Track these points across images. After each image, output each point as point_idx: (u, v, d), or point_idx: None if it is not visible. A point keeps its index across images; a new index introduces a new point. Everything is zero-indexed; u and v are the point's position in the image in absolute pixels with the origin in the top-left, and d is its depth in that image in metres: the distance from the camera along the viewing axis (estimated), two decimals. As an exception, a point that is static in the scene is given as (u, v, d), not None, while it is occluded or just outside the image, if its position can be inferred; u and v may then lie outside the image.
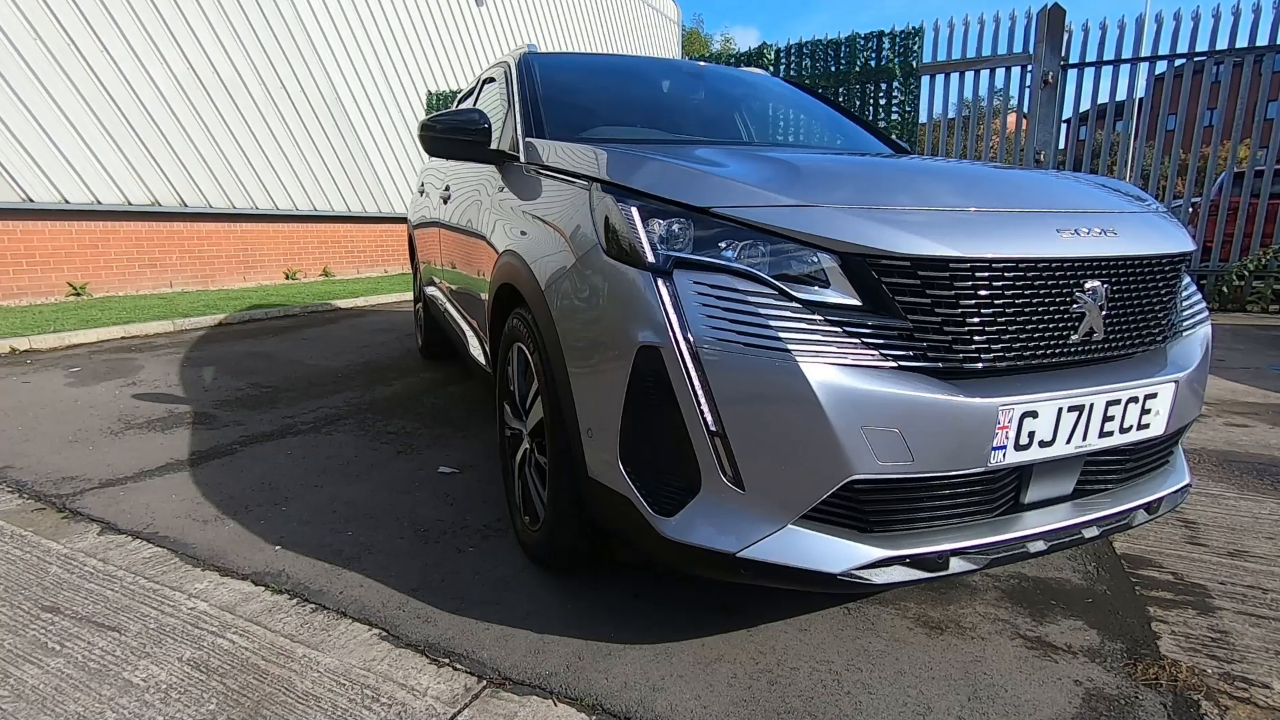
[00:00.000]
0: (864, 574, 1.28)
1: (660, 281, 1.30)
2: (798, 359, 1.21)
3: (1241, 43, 6.67)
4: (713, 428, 1.26)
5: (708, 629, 1.61)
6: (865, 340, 1.25)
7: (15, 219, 6.91)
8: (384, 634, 1.58)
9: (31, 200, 6.94)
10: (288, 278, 9.56)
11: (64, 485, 2.41)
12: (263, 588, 1.76)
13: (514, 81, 2.50)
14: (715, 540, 1.30)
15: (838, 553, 1.28)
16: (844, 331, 1.25)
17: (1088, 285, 1.35)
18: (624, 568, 1.86)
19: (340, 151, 10.23)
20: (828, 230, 1.26)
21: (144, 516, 2.17)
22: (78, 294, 7.35)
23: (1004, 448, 1.29)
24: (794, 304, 1.25)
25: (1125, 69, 7.16)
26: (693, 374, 1.26)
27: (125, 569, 1.84)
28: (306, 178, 9.73)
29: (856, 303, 1.27)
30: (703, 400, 1.26)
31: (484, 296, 2.28)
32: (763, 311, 1.24)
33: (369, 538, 2.05)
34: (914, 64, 7.89)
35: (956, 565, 1.33)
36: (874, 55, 8.08)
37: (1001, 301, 1.28)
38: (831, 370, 1.21)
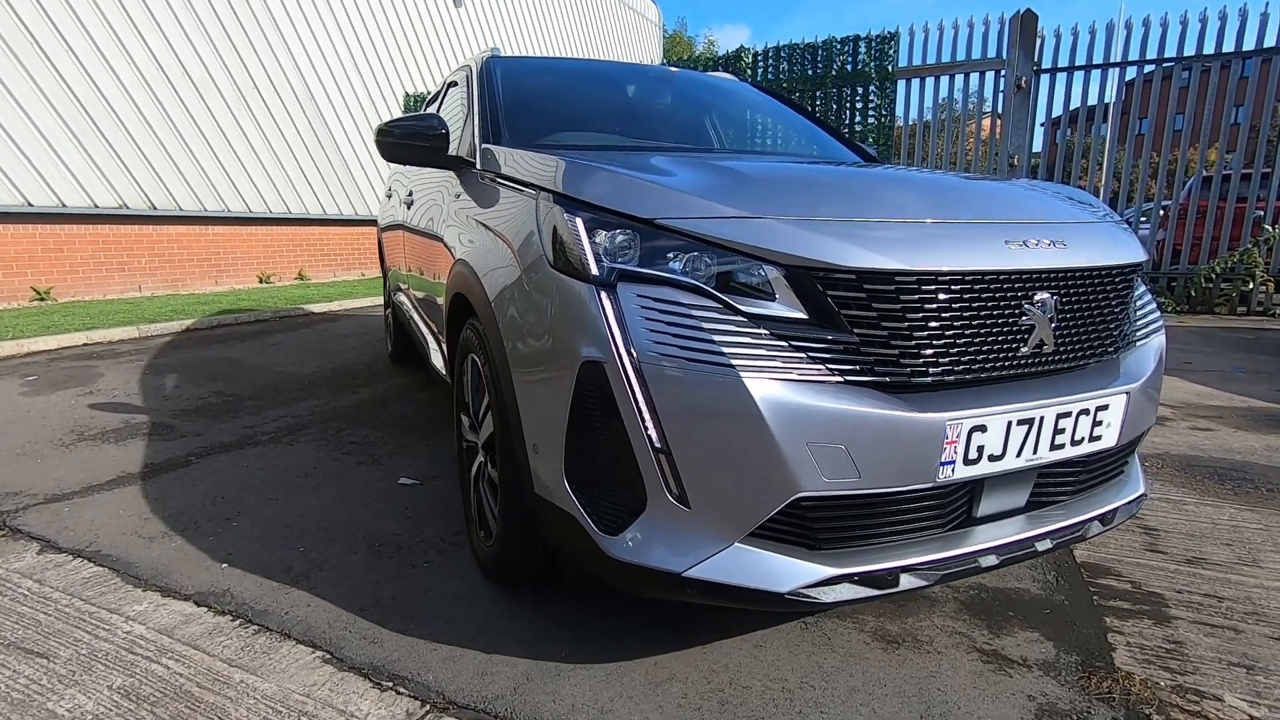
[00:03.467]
0: (812, 592, 1.25)
1: (604, 294, 1.27)
2: (741, 374, 1.18)
3: (1209, 49, 6.78)
4: (657, 444, 1.23)
5: (661, 646, 1.58)
6: (811, 354, 1.22)
7: (-24, 222, 6.73)
8: (327, 656, 1.53)
9: (-7, 203, 6.77)
10: (261, 281, 9.41)
11: (5, 501, 2.33)
12: (205, 609, 1.71)
13: (474, 86, 2.45)
14: (661, 559, 1.27)
15: (785, 571, 1.25)
16: (789, 345, 1.22)
17: (1036, 297, 1.33)
18: (579, 582, 1.82)
19: (315, 153, 10.10)
20: (772, 243, 1.24)
21: (87, 534, 2.10)
22: (42, 299, 7.18)
23: (952, 463, 1.27)
24: (739, 317, 1.23)
25: (1097, 73, 7.26)
26: (636, 389, 1.23)
27: (62, 590, 1.77)
28: (280, 179, 9.59)
29: (802, 316, 1.25)
30: (646, 416, 1.23)
31: (442, 302, 2.23)
32: (706, 325, 1.22)
33: (321, 554, 2.00)
34: (890, 68, 7.95)
35: (907, 582, 1.31)
36: (850, 59, 8.12)
37: (949, 315, 1.26)
38: (776, 385, 1.19)
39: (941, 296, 1.25)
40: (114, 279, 7.87)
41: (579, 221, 1.35)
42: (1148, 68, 7.08)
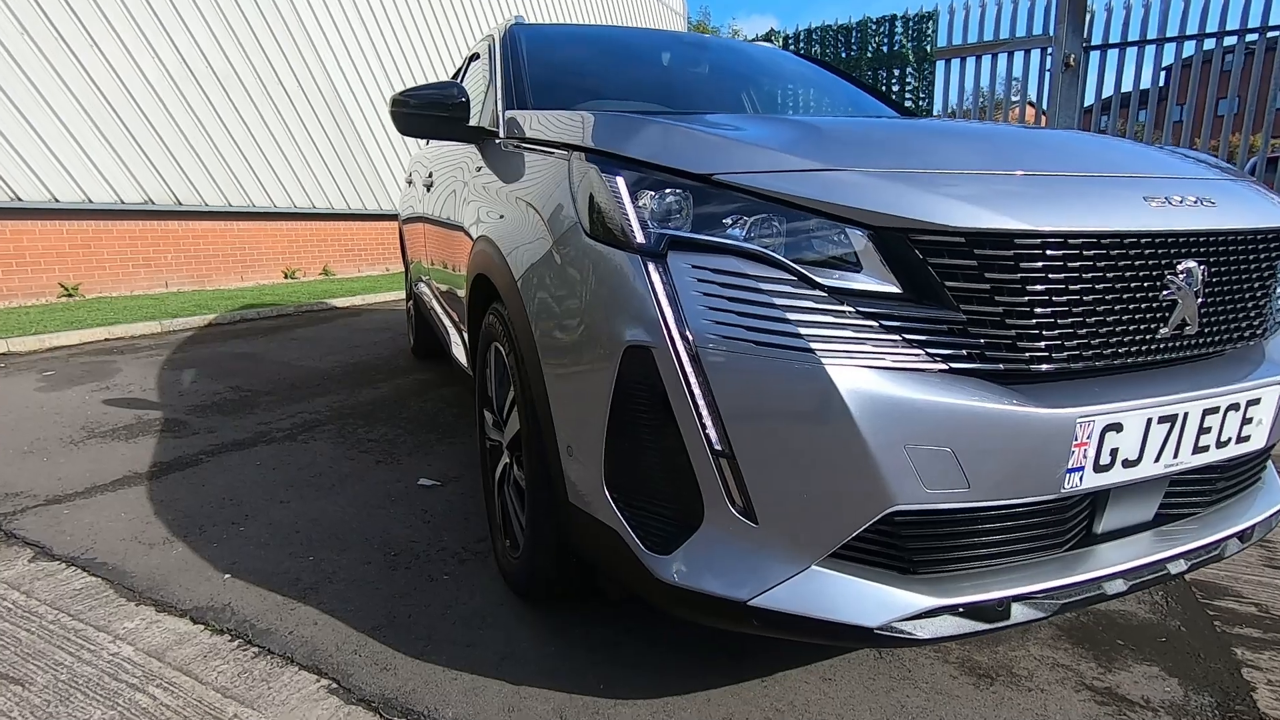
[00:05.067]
0: (907, 627, 1.03)
1: (651, 266, 1.06)
2: (823, 361, 0.96)
3: (1276, 19, 6.33)
4: (718, 447, 1.02)
5: (714, 678, 1.36)
6: (907, 337, 1.00)
7: (5, 219, 6.73)
8: (333, 685, 1.34)
9: (20, 200, 6.76)
10: (286, 277, 9.36)
11: (4, 503, 2.19)
12: (201, 626, 1.53)
13: (497, 53, 2.26)
14: (721, 585, 1.06)
15: (874, 601, 1.03)
16: (880, 326, 1.00)
17: (1181, 266, 1.09)
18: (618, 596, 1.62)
19: (339, 147, 10.02)
20: (859, 200, 1.01)
21: (85, 539, 1.95)
22: (69, 295, 7.17)
23: (1081, 469, 1.03)
24: (818, 292, 1.01)
25: (1151, 50, 6.83)
26: (692, 380, 1.01)
27: (49, 604, 1.61)
28: (305, 174, 9.52)
29: (895, 290, 1.02)
30: (705, 413, 1.01)
31: (462, 292, 2.04)
32: (778, 302, 1.00)
33: (332, 563, 1.81)
34: (928, 49, 7.59)
35: (1020, 614, 1.08)
36: (886, 40, 7.79)
37: (1078, 287, 1.03)
38: (866, 375, 0.97)
39: (1071, 264, 1.01)
40: (140, 275, 7.85)
41: (620, 181, 1.14)
42: (1208, 42, 6.65)
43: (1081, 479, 1.04)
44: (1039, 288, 1.00)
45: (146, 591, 1.68)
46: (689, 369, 1.01)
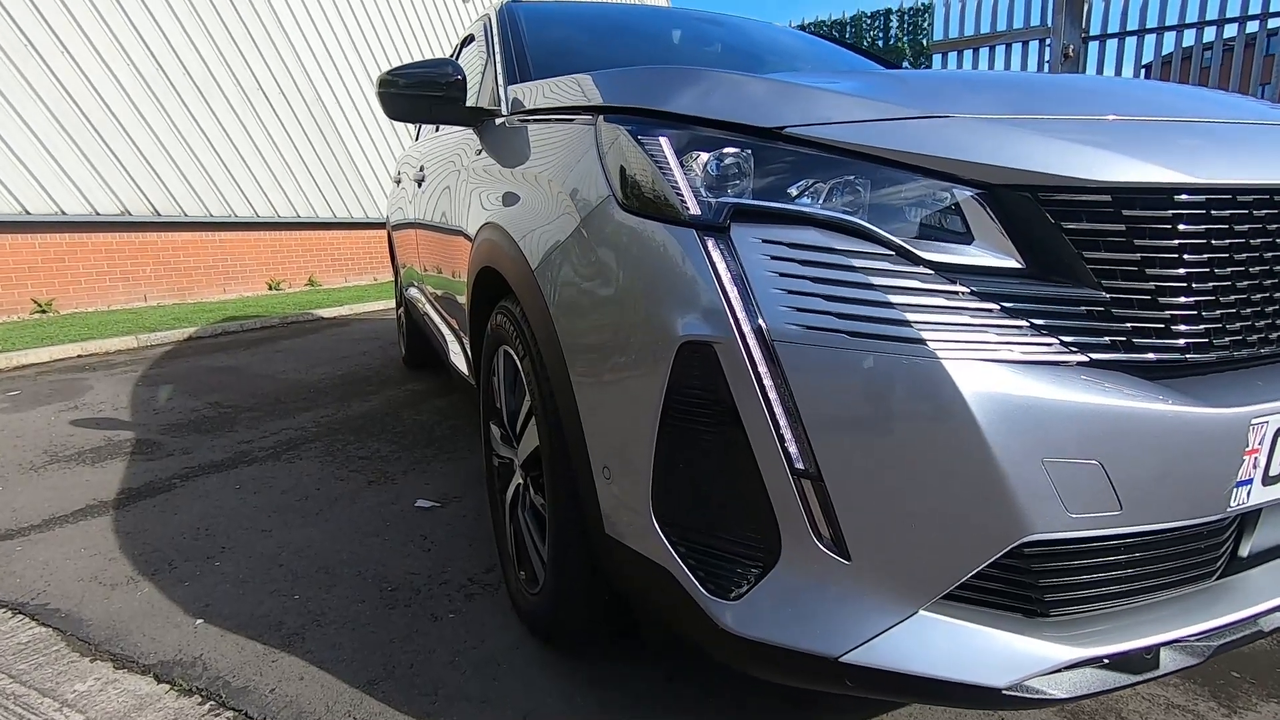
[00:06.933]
0: (1041, 684, 0.83)
1: (711, 242, 0.85)
2: (939, 355, 0.76)
3: (1277, 5, 6.23)
4: (800, 465, 0.81)
5: (777, 736, 1.15)
6: (1035, 323, 0.80)
7: (-28, 232, 6.45)
8: (323, 759, 1.12)
9: (-11, 212, 6.48)
10: (271, 288, 9.08)
11: (-52, 540, 1.95)
12: (167, 686, 1.31)
13: (494, 31, 2.05)
14: (805, 636, 0.85)
15: (999, 653, 0.82)
16: (1003, 310, 0.80)
17: (1351, 231, 0.90)
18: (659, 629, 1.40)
19: (324, 155, 9.77)
20: (971, 151, 0.81)
21: (38, 581, 1.71)
22: (43, 311, 6.88)
23: (1249, 482, 0.84)
24: (923, 270, 0.81)
25: (1151, 39, 6.72)
26: (767, 382, 0.81)
27: (-13, 663, 1.38)
28: (289, 183, 9.26)
29: (1016, 265, 0.82)
30: (784, 422, 0.81)
31: (462, 296, 1.83)
32: (877, 282, 0.80)
33: (320, 603, 1.59)
34: (924, 42, 7.49)
35: (1170, 661, 0.88)
36: (881, 34, 7.67)
37: (1244, 255, 0.83)
38: (992, 371, 0.76)
39: (1238, 227, 0.81)
40: (118, 289, 7.56)
41: (663, 140, 0.93)
42: (1207, 33, 6.54)
43: (1249, 494, 0.84)
44: (1200, 257, 0.81)
45: (104, 643, 1.45)
46: (763, 368, 0.81)
